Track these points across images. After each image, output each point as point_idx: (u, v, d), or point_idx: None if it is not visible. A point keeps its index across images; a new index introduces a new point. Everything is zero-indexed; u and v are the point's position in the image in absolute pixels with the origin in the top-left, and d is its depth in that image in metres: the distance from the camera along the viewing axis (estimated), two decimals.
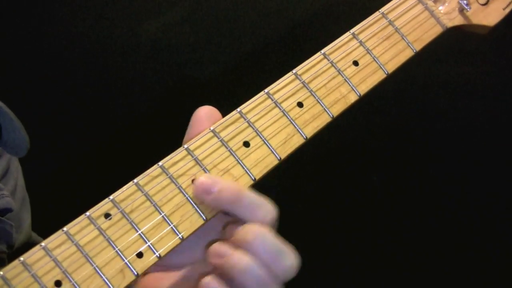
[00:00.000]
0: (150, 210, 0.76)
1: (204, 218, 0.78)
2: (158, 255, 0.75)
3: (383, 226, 1.93)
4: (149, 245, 0.75)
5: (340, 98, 0.87)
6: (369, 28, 0.91)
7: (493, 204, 1.91)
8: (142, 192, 0.76)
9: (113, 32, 1.85)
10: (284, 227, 0.93)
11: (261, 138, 0.82)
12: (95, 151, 1.88)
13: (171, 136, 0.87)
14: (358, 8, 1.81)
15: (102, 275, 0.72)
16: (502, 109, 1.89)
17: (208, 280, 0.77)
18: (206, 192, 0.78)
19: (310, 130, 0.84)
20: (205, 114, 0.83)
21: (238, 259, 0.76)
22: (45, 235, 0.99)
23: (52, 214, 1.30)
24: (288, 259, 0.78)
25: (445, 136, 1.91)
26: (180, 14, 1.87)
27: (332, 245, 1.93)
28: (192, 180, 0.79)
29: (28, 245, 1.03)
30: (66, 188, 1.83)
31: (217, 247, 0.78)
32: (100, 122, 1.87)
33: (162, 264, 0.86)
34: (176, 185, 0.78)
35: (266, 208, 0.79)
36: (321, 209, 1.92)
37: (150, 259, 0.75)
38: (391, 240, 1.93)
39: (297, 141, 0.84)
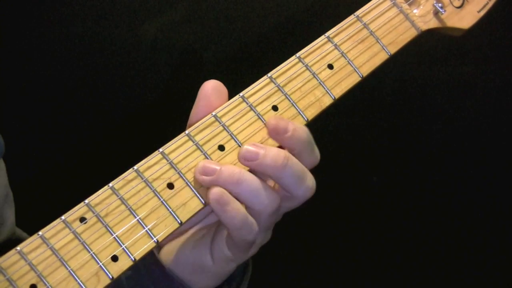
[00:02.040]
0: (125, 214, 0.77)
1: (179, 221, 0.78)
2: (133, 259, 0.76)
3: (383, 226, 1.93)
4: (124, 249, 0.75)
5: (315, 101, 0.86)
6: (344, 31, 0.90)
7: (493, 205, 1.90)
8: (117, 196, 0.77)
9: (113, 32, 1.86)
10: (283, 228, 0.94)
11: (236, 142, 0.82)
12: (86, 150, 1.89)
13: (170, 137, 0.88)
14: (357, 8, 1.80)
15: (77, 279, 0.73)
16: (502, 109, 1.89)
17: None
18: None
19: None
20: (211, 88, 0.85)
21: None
22: (30, 231, 1.00)
23: (38, 211, 1.31)
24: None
25: (445, 136, 1.91)
26: (180, 14, 1.87)
27: (332, 246, 1.93)
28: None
29: (11, 241, 1.04)
30: (53, 185, 1.84)
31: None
32: (98, 123, 1.88)
33: (177, 232, 0.88)
34: (151, 189, 0.78)
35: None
36: (321, 209, 1.92)
37: (125, 262, 0.75)
38: (391, 241, 1.92)
39: (271, 145, 0.84)
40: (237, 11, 1.87)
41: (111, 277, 0.74)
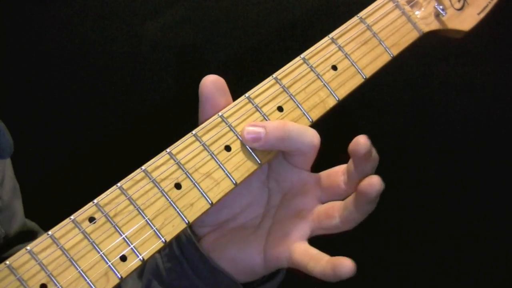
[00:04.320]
0: (133, 214, 0.77)
1: (186, 221, 0.79)
2: (142, 258, 0.76)
3: (383, 226, 1.93)
4: (132, 249, 0.76)
5: (319, 102, 0.87)
6: (348, 32, 0.91)
7: (493, 204, 1.91)
8: (126, 196, 0.78)
9: (113, 32, 1.86)
10: None
11: (242, 143, 0.83)
12: (92, 151, 1.89)
13: (171, 137, 0.88)
14: (357, 8, 1.81)
15: (87, 279, 0.74)
16: (502, 109, 1.89)
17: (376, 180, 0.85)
18: (256, 140, 0.82)
19: None
20: (211, 83, 0.85)
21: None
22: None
23: (43, 209, 1.32)
24: None
25: (444, 136, 1.91)
26: (180, 14, 1.88)
27: (332, 246, 1.93)
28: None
29: (23, 233, 1.05)
30: (58, 184, 1.85)
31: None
32: (99, 123, 1.88)
33: (212, 224, 0.90)
34: (159, 189, 0.79)
35: (311, 132, 0.85)
36: None
37: (133, 262, 0.76)
38: (391, 241, 1.93)
39: None
40: (237, 11, 1.87)
41: (120, 277, 0.75)
